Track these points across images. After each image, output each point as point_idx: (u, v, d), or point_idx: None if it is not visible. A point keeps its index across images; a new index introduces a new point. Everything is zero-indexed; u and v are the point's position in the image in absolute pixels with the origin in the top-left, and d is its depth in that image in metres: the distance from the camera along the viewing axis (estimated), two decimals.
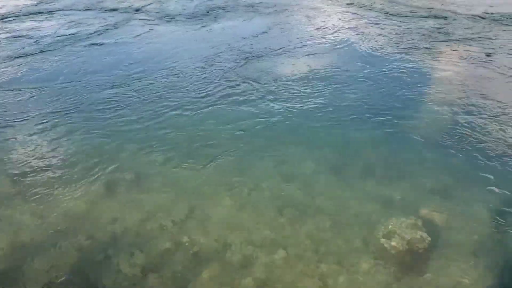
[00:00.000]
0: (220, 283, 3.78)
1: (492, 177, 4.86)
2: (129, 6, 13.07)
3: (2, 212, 4.69)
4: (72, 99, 7.13)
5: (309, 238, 4.19)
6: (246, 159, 5.39)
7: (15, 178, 5.18)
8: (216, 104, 6.74)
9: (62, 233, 4.37)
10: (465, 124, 5.86)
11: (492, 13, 10.43)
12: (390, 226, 4.27)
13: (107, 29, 11.04)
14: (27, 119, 6.51)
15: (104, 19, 11.90)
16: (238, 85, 7.39)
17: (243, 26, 10.88)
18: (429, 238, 4.10)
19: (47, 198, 4.82)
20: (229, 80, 7.58)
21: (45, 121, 6.43)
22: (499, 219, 4.29)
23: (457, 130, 5.75)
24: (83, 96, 7.27)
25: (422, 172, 5.04)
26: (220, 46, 9.33)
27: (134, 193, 4.89)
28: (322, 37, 9.68)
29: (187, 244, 4.18)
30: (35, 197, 4.84)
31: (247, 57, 8.61)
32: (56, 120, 6.44)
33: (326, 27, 10.35)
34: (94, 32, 10.71)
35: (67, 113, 6.65)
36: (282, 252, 4.06)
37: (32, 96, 7.29)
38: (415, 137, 5.68)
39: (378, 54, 8.52)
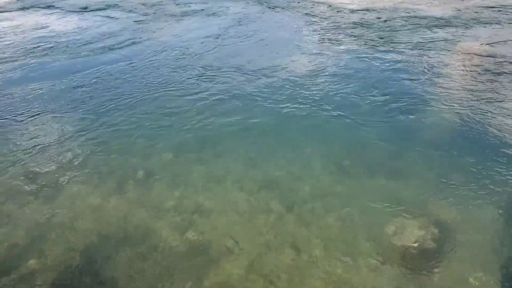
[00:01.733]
0: (229, 280, 3.80)
1: (501, 176, 4.84)
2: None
3: (14, 208, 4.74)
4: (69, 98, 7.15)
5: (317, 237, 4.20)
6: (255, 157, 5.41)
7: (25, 175, 5.22)
8: (224, 101, 6.75)
9: (72, 229, 4.41)
10: (473, 122, 5.83)
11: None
12: (398, 224, 4.27)
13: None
14: (31, 117, 6.54)
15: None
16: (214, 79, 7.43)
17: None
18: (437, 237, 4.10)
19: (57, 195, 4.86)
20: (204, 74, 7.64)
21: (46, 118, 6.48)
22: (508, 218, 4.28)
23: (465, 128, 5.72)
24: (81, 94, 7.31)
25: (430, 170, 5.02)
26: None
27: (143, 190, 4.92)
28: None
29: (195, 241, 4.22)
30: (45, 194, 4.88)
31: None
32: (59, 118, 6.47)
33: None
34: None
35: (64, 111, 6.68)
36: (290, 250, 4.08)
37: (32, 94, 7.30)
38: (422, 135, 5.66)
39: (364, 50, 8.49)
